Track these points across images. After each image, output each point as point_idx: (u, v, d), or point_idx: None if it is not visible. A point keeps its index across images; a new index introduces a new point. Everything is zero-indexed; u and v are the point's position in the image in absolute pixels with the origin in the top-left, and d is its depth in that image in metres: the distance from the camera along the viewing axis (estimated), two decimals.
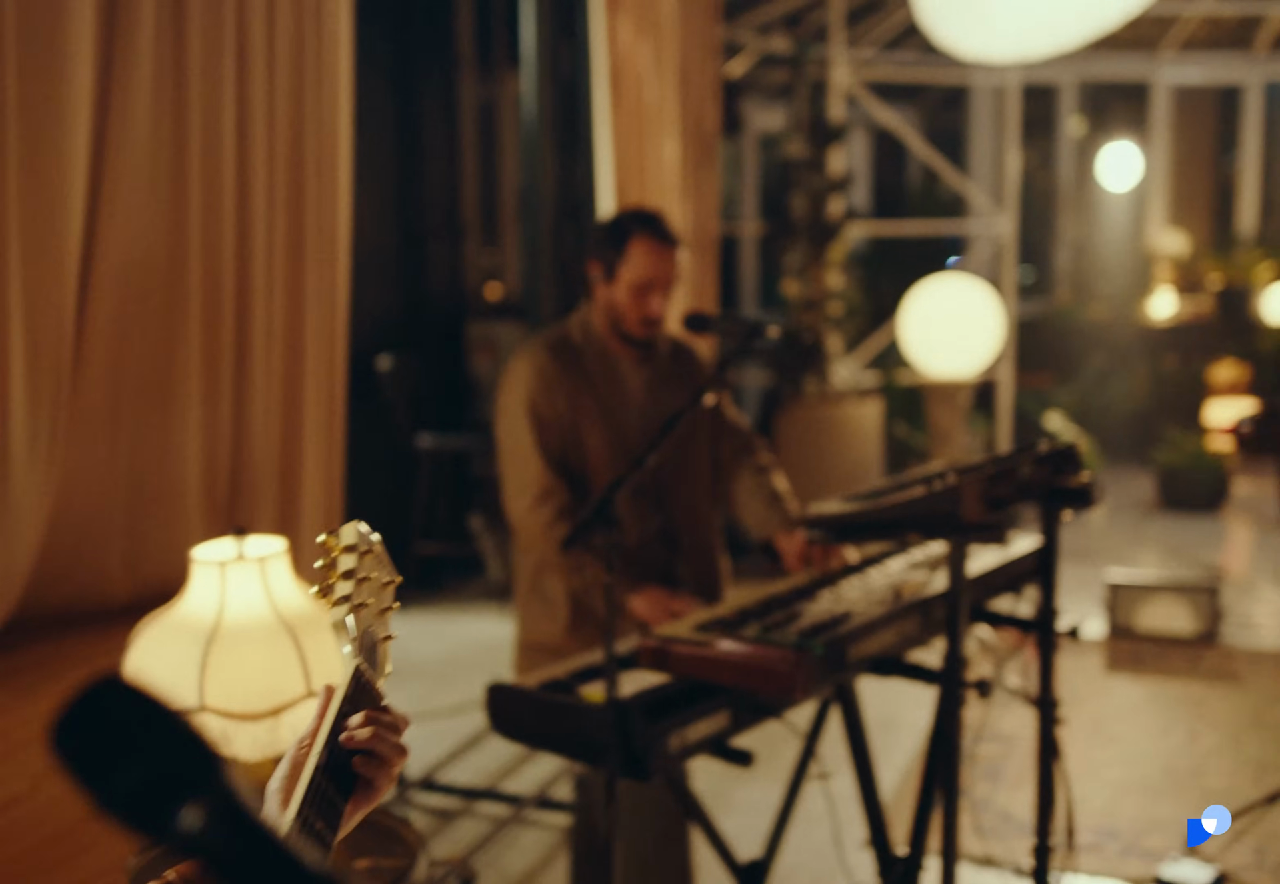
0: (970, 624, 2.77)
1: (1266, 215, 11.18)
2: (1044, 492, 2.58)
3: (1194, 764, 4.66)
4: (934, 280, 6.66)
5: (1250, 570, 7.21)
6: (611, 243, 3.10)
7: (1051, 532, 2.63)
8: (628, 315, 3.10)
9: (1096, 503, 2.58)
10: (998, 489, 2.41)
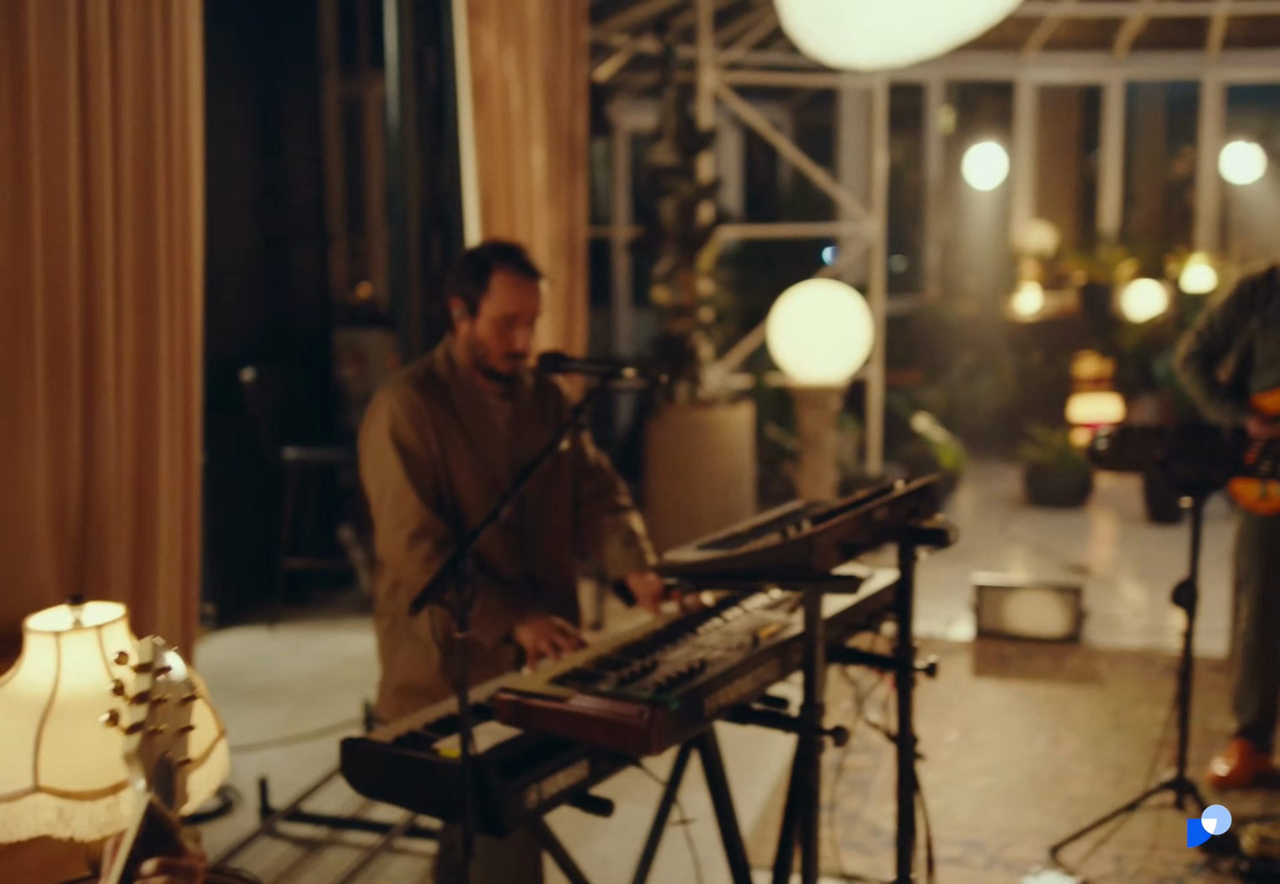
0: (828, 663, 2.78)
1: (1127, 212, 11.42)
2: (900, 533, 2.59)
3: (1057, 770, 4.74)
4: (802, 288, 6.69)
5: (1114, 568, 7.37)
6: (473, 277, 3.05)
7: (907, 571, 2.64)
8: (491, 350, 3.06)
9: (952, 543, 2.60)
10: (852, 535, 2.42)
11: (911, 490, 2.61)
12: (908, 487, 2.65)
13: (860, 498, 2.56)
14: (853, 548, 2.42)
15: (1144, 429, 3.97)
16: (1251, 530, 4.57)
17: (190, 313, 3.89)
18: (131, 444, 3.66)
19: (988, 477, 9.55)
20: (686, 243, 6.75)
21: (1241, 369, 4.52)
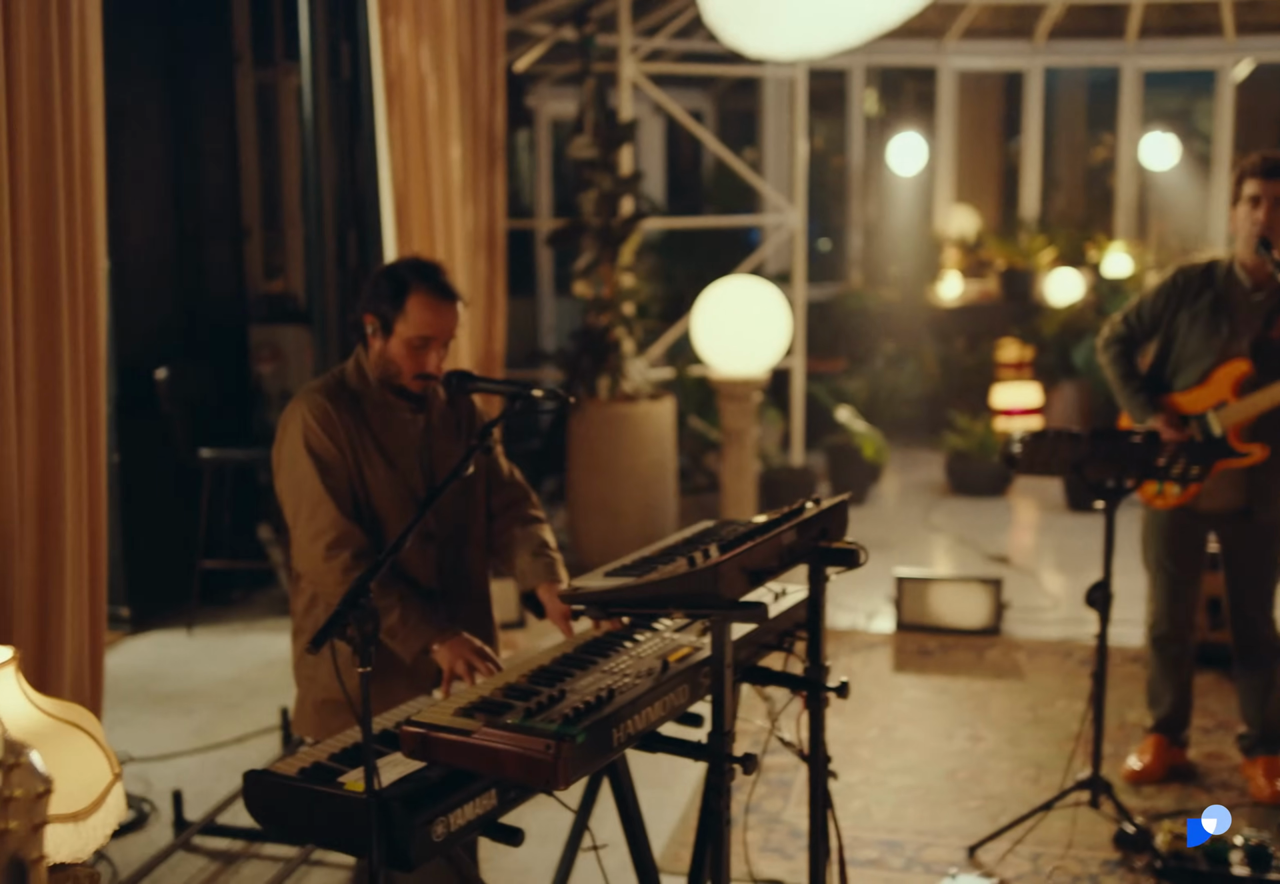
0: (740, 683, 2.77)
1: (1049, 199, 11.50)
2: (810, 554, 2.59)
3: (976, 767, 4.78)
4: (723, 283, 6.68)
5: (1034, 557, 7.44)
6: (389, 296, 2.99)
7: (817, 592, 2.64)
8: (403, 370, 3.01)
9: (863, 564, 2.60)
10: (760, 561, 2.41)
11: (822, 511, 2.60)
12: (818, 507, 2.65)
13: (770, 521, 2.55)
14: (761, 574, 2.41)
15: (1057, 434, 3.98)
16: (1153, 525, 4.62)
17: (94, 313, 3.81)
18: (34, 448, 3.58)
19: (911, 465, 9.61)
20: (607, 237, 6.72)
21: (1160, 361, 4.56)
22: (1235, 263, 4.40)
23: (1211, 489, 4.35)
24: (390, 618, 2.87)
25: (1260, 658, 4.59)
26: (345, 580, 2.87)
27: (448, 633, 2.84)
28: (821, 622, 2.66)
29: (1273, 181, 4.25)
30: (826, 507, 2.63)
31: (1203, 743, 4.98)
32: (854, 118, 10.84)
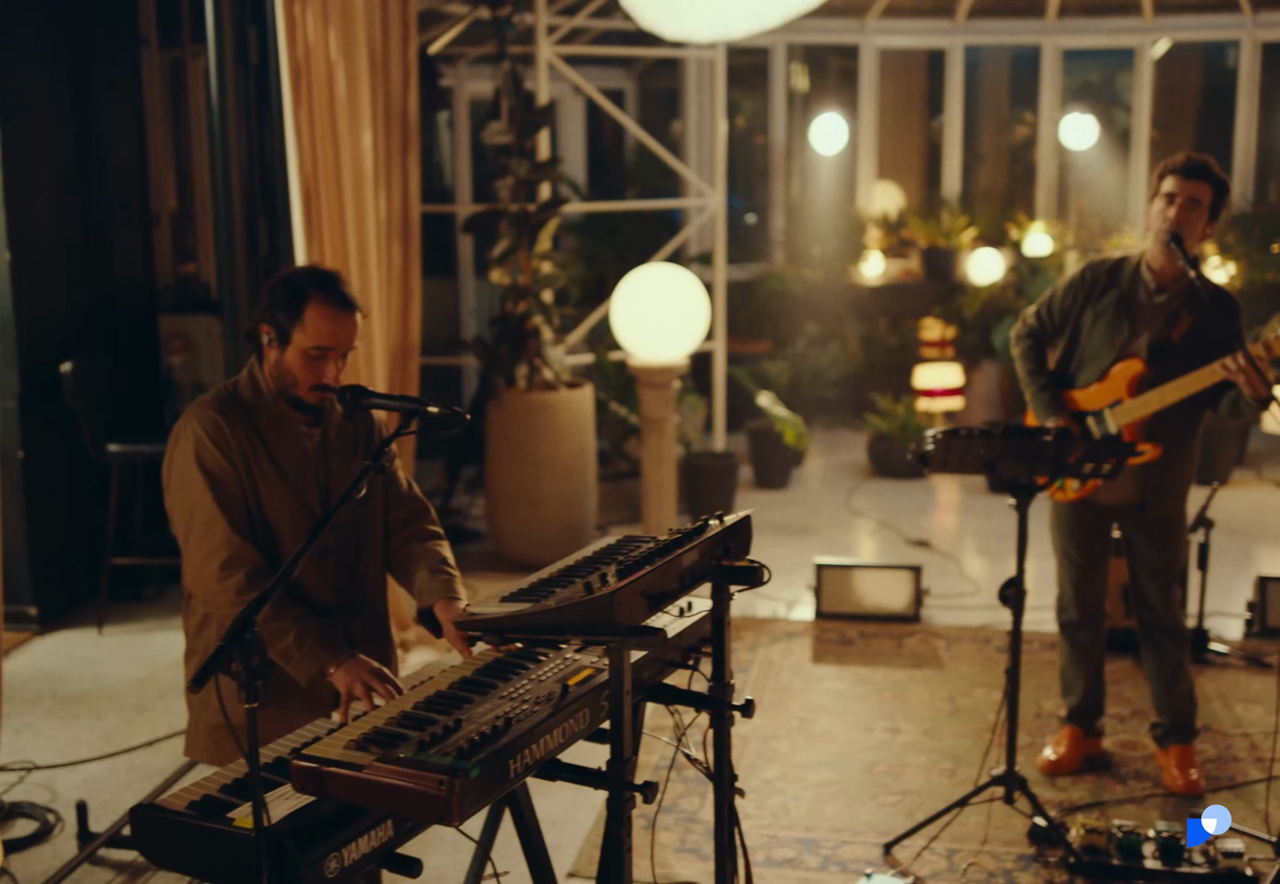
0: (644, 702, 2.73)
1: (971, 178, 11.50)
2: (712, 573, 2.55)
3: (894, 761, 4.78)
4: (640, 271, 6.61)
5: (955, 541, 7.46)
6: (286, 305, 2.91)
7: (720, 611, 2.60)
8: (300, 382, 2.93)
9: (765, 582, 2.56)
10: (659, 584, 2.36)
11: (725, 529, 2.56)
12: (721, 525, 2.60)
13: (671, 541, 2.50)
14: (660, 598, 2.37)
15: (969, 433, 3.97)
16: (1058, 517, 4.65)
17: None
18: None
19: (835, 446, 9.61)
20: (523, 223, 6.63)
21: (1066, 357, 4.56)
22: (1143, 262, 4.41)
23: (1109, 484, 4.36)
24: (285, 641, 2.80)
25: (1167, 646, 4.63)
26: (239, 602, 2.79)
27: (344, 655, 2.78)
28: (726, 640, 2.62)
29: (1191, 182, 4.26)
30: (730, 524, 2.59)
31: (1118, 731, 5.02)
32: (776, 96, 10.78)
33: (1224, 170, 4.31)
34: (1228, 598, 6.32)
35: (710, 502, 7.47)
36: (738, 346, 9.80)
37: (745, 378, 8.47)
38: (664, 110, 11.56)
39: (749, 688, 5.40)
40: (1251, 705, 5.25)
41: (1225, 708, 5.24)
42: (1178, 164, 4.27)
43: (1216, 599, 6.18)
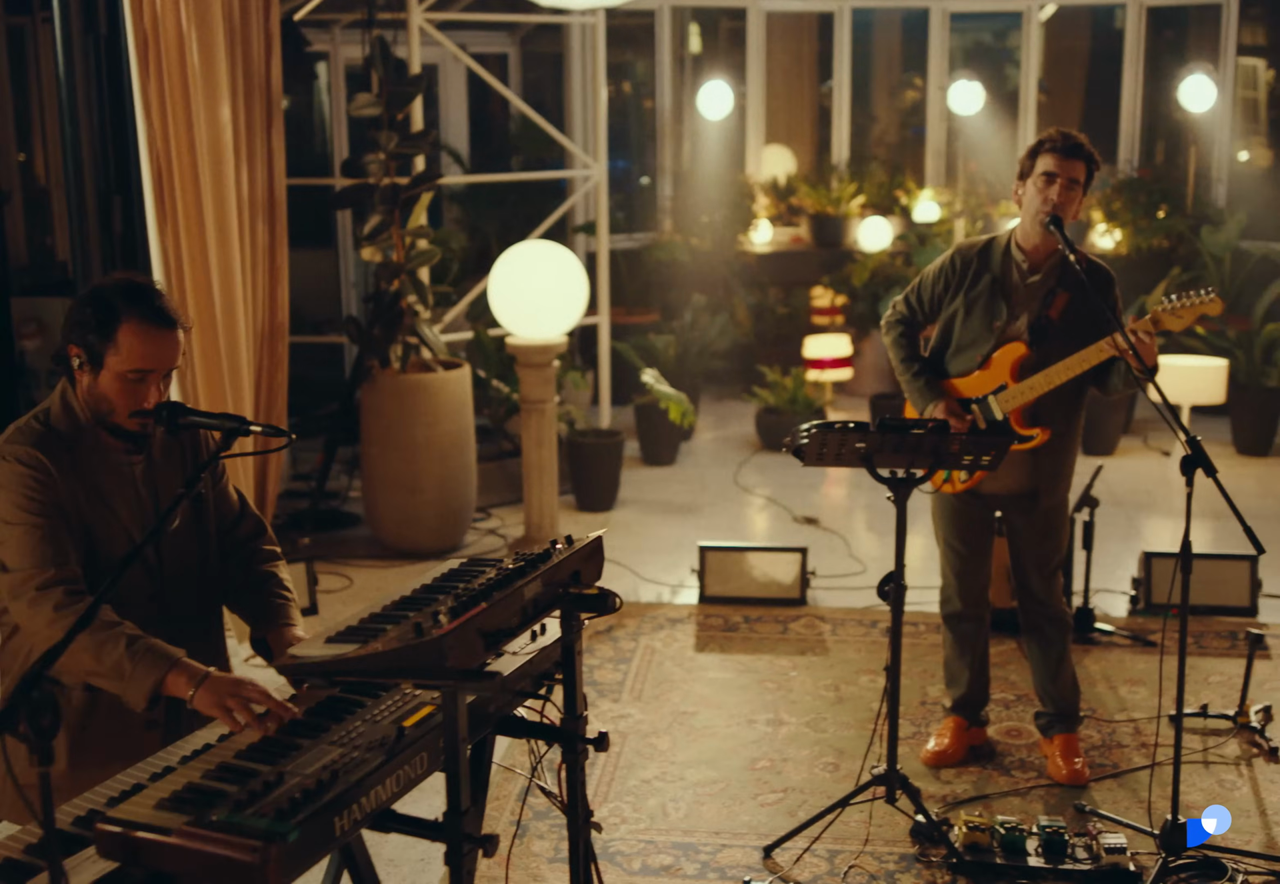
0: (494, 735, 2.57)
1: (862, 144, 11.39)
2: (560, 602, 2.39)
3: (776, 755, 4.66)
4: (517, 249, 6.41)
5: (843, 518, 7.36)
6: (96, 326, 2.63)
7: (570, 640, 2.44)
8: (117, 408, 2.68)
9: (616, 609, 2.41)
10: (498, 621, 2.19)
11: (572, 554, 2.40)
12: (570, 549, 2.44)
13: (512, 571, 2.33)
14: (498, 635, 2.20)
15: (842, 427, 3.83)
16: (940, 507, 4.55)
17: None
18: None
19: (726, 419, 9.48)
20: (394, 199, 6.38)
21: (941, 345, 4.44)
22: (1012, 243, 4.29)
23: (998, 472, 4.26)
24: (115, 652, 2.51)
25: (1051, 635, 4.55)
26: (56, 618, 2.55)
27: (186, 666, 2.53)
28: (577, 671, 2.46)
29: (1070, 161, 4.14)
30: (578, 548, 2.42)
31: (1003, 718, 4.95)
32: (663, 60, 10.57)
33: (1110, 135, 4.22)
34: (1112, 575, 6.28)
35: (595, 480, 7.31)
36: (625, 318, 9.62)
37: (631, 352, 8.29)
38: (550, 75, 11.29)
39: (630, 680, 5.26)
40: (1136, 687, 5.21)
41: (1110, 690, 5.19)
42: (1055, 142, 4.16)
43: (1101, 576, 6.14)
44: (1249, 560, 5.86)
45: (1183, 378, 8.01)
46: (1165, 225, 9.57)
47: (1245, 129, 10.46)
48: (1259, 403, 8.44)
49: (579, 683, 2.48)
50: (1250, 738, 4.79)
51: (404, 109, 6.50)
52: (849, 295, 9.84)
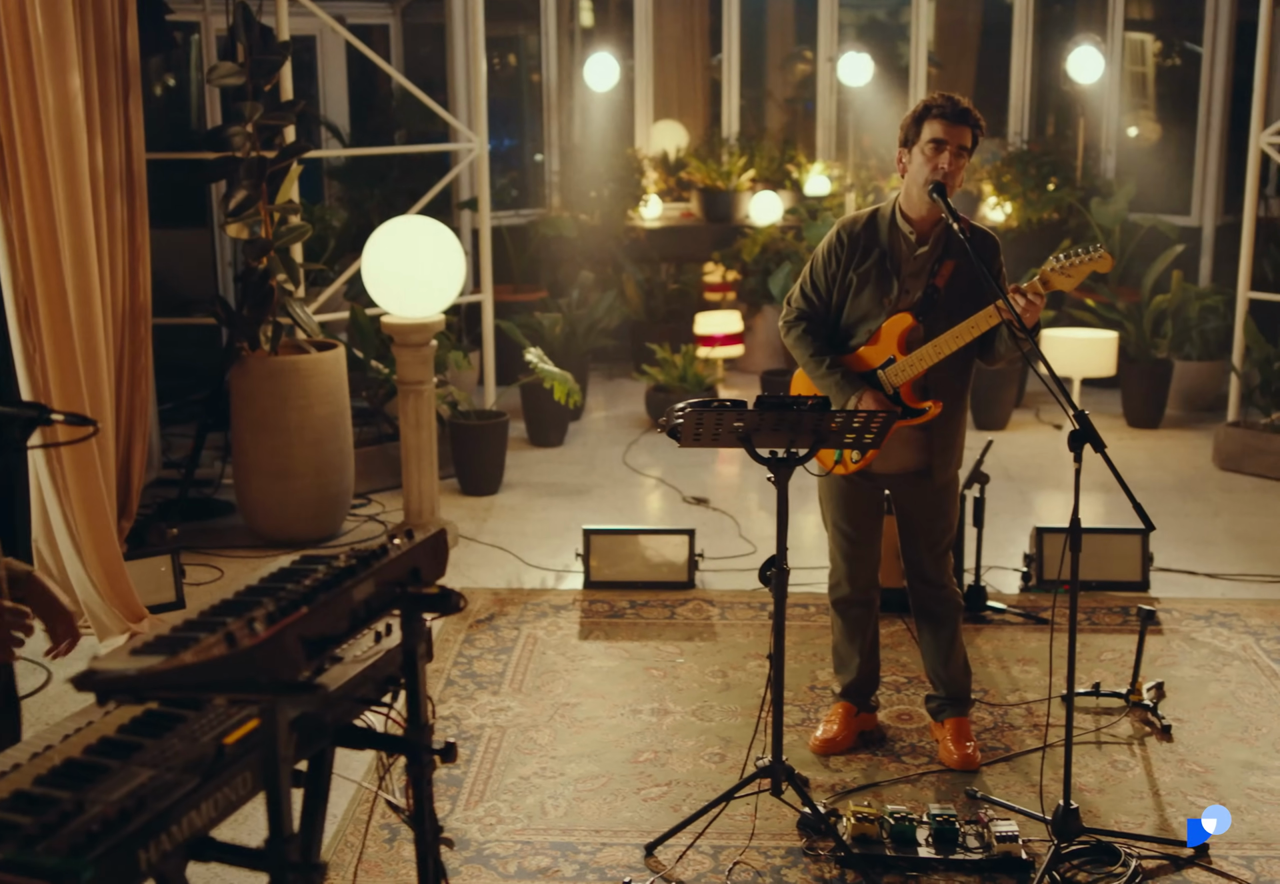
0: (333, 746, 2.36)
1: (755, 117, 11.24)
2: (399, 602, 2.19)
3: (661, 747, 4.50)
4: (392, 224, 6.16)
5: (734, 498, 7.21)
6: None
7: (412, 643, 2.24)
8: None
9: (461, 608, 2.21)
10: (323, 626, 1.99)
11: (411, 549, 2.19)
12: (410, 543, 2.24)
13: (343, 569, 2.13)
14: (323, 642, 2.00)
15: (719, 406, 3.65)
16: (827, 488, 4.39)
17: None
18: None
19: (616, 398, 9.30)
20: (260, 172, 6.10)
21: (833, 325, 4.28)
22: (897, 214, 4.14)
23: (888, 451, 4.11)
24: None
25: (942, 616, 4.43)
26: None
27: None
28: (420, 677, 2.26)
29: (958, 127, 3.99)
30: (418, 543, 2.22)
31: (893, 701, 4.83)
32: (549, 32, 10.32)
33: (1000, 108, 4.09)
34: (1004, 552, 6.19)
35: (479, 463, 7.09)
36: (511, 296, 9.40)
37: (515, 331, 8.07)
38: (434, 47, 10.98)
39: (511, 670, 5.07)
40: (1028, 666, 5.11)
41: (1002, 670, 5.09)
42: (941, 107, 4.00)
43: (993, 553, 6.05)
44: (1140, 534, 5.80)
45: (1073, 350, 7.96)
46: (1055, 198, 9.52)
47: (1134, 104, 10.45)
48: (1149, 375, 8.42)
49: (423, 689, 2.28)
50: (1143, 716, 4.71)
51: (270, 78, 6.21)
52: (740, 271, 9.69)
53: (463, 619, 5.53)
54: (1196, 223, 9.73)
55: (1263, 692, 4.89)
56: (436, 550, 2.26)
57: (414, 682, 2.26)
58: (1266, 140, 7.39)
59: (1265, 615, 5.56)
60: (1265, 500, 7.05)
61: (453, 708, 4.75)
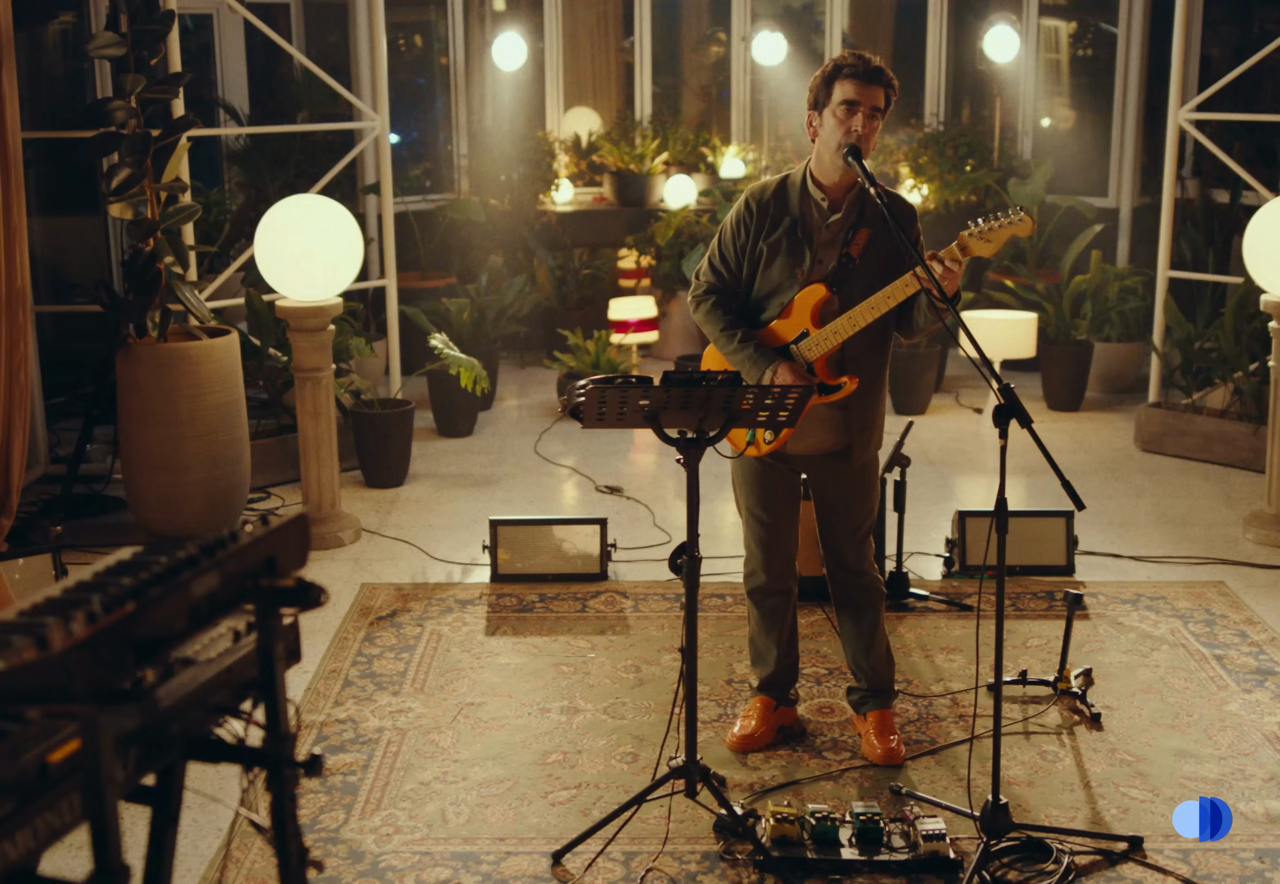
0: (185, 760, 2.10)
1: (670, 99, 11.02)
2: (248, 597, 1.93)
3: (569, 748, 4.26)
4: (285, 203, 5.87)
5: (650, 485, 6.99)
6: None
7: (269, 644, 1.99)
8: None
9: (322, 603, 1.96)
10: (157, 625, 1.73)
11: (264, 537, 1.94)
12: (264, 530, 1.98)
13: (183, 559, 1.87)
14: (157, 644, 1.74)
15: (623, 382, 3.42)
16: (741, 472, 4.17)
17: None
18: None
19: (528, 386, 9.04)
20: (144, 149, 5.78)
21: (744, 297, 4.06)
22: (808, 181, 3.93)
23: (804, 431, 3.90)
24: None
25: (863, 604, 4.23)
26: None
27: None
28: (277, 681, 2.01)
29: (871, 87, 3.78)
30: (273, 529, 1.97)
31: (814, 694, 4.63)
32: (455, 12, 10.02)
33: (916, 90, 3.88)
34: (926, 537, 6.02)
35: (384, 454, 6.82)
36: (420, 283, 9.12)
37: (420, 316, 7.79)
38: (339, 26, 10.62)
39: (413, 669, 4.81)
40: (953, 655, 4.93)
41: (926, 659, 4.90)
42: (853, 67, 3.79)
43: (915, 538, 5.88)
44: (1065, 517, 5.64)
45: (992, 332, 7.81)
46: (972, 179, 9.38)
47: (1049, 91, 10.34)
48: (1069, 357, 8.30)
49: (282, 695, 2.03)
50: (1071, 704, 4.54)
51: (155, 50, 5.89)
52: (655, 255, 9.46)
53: (363, 616, 5.26)
54: (1114, 204, 9.64)
55: (1192, 676, 4.74)
56: (295, 539, 2.00)
57: (271, 686, 2.00)
58: (1185, 116, 7.27)
59: (1192, 598, 5.43)
60: (1188, 481, 6.94)
61: (350, 710, 4.49)
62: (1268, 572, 5.73)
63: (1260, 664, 4.83)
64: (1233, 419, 7.16)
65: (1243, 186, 8.77)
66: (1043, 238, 9.15)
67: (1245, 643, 5.02)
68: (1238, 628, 5.15)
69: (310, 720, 4.40)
